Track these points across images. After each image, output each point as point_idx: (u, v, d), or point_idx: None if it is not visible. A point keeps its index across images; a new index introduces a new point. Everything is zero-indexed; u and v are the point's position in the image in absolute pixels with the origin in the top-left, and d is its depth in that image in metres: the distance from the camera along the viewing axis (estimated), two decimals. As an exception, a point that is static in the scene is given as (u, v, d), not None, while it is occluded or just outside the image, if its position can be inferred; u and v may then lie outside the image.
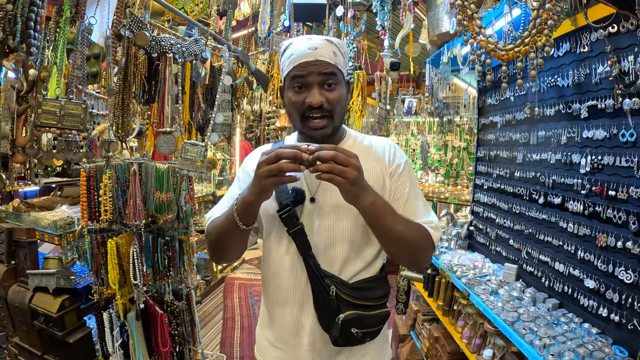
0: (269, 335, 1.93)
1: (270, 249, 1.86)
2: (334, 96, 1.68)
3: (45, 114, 1.97)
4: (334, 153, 1.42)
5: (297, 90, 1.70)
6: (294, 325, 1.80)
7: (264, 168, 1.46)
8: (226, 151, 8.76)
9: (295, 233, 1.71)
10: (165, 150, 2.82)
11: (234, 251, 1.87)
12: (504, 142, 3.53)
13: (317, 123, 1.69)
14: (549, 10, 1.66)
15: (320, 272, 1.70)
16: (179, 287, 3.03)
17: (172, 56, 2.79)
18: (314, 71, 1.65)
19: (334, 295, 1.67)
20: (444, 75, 3.67)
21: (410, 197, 1.78)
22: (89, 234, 2.76)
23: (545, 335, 2.44)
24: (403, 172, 1.81)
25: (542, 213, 2.95)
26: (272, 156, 1.45)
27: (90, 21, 2.25)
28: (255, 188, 1.53)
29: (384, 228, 1.58)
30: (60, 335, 3.17)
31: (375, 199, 1.53)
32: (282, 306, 1.83)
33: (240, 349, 5.23)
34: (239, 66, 3.91)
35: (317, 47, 1.66)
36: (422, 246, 1.68)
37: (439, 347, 3.71)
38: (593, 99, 2.46)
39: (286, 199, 1.72)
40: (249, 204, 1.60)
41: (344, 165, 1.41)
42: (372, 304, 1.72)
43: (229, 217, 1.68)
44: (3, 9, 1.65)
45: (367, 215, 1.57)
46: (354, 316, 1.65)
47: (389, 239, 1.63)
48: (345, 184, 1.42)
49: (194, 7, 3.16)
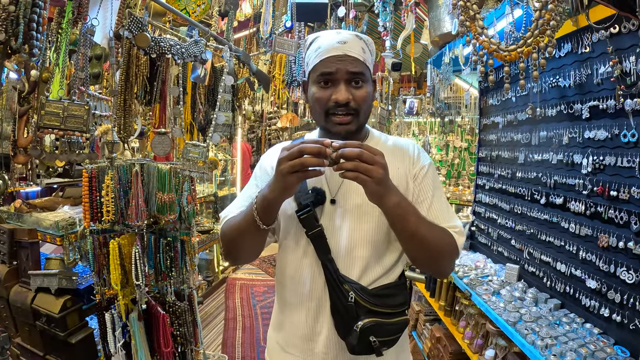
0: (281, 340, 1.84)
1: (287, 250, 1.78)
2: (361, 94, 1.62)
3: (48, 115, 1.97)
4: (360, 150, 1.33)
5: (323, 86, 1.63)
6: (309, 330, 1.72)
7: (285, 164, 1.37)
8: (227, 152, 8.76)
9: (314, 235, 1.64)
10: (159, 151, 2.82)
11: (251, 252, 1.78)
12: (505, 142, 3.53)
13: (341, 118, 1.62)
14: (551, 11, 1.66)
15: (339, 277, 1.61)
16: (180, 287, 3.03)
17: (172, 57, 2.78)
18: (342, 68, 1.59)
19: (353, 301, 1.57)
20: (445, 75, 3.67)
21: (434, 200, 1.70)
22: (91, 235, 2.76)
23: (547, 336, 2.44)
24: (427, 174, 1.73)
25: (544, 213, 2.95)
26: (294, 151, 1.36)
27: (93, 22, 2.25)
28: (277, 185, 1.45)
29: (408, 230, 1.49)
30: (63, 335, 3.17)
31: (400, 200, 1.45)
32: (297, 310, 1.75)
33: (242, 349, 5.23)
34: (240, 67, 3.91)
35: (346, 42, 1.61)
36: (446, 251, 1.60)
37: (440, 347, 3.71)
38: (594, 100, 2.46)
39: (306, 199, 1.65)
40: (270, 202, 1.51)
41: (369, 163, 1.32)
42: (392, 311, 1.62)
43: (248, 216, 1.59)
44: (5, 10, 1.65)
45: (392, 216, 1.48)
46: (373, 324, 1.56)
47: (412, 242, 1.54)
48: (371, 183, 1.34)
49: (195, 8, 3.16)
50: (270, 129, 9.94)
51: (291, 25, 4.26)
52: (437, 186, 1.75)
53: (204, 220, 6.80)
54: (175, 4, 3.07)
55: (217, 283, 7.19)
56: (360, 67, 1.62)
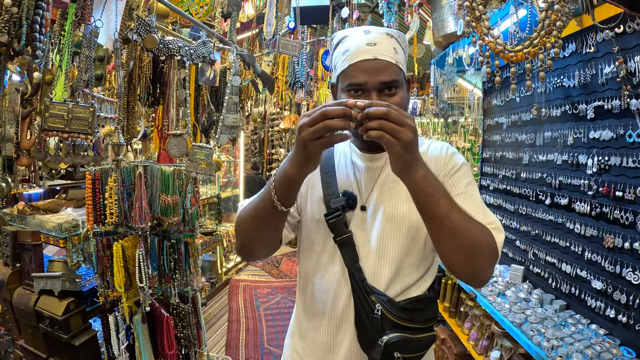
0: (299, 348, 1.75)
1: (312, 256, 1.67)
2: (395, 101, 1.45)
3: (52, 117, 1.96)
4: (387, 109, 1.17)
5: (353, 94, 1.48)
6: (330, 340, 1.61)
7: (307, 130, 1.21)
8: (231, 153, 8.77)
9: (343, 241, 1.55)
10: (176, 153, 2.82)
11: (267, 242, 1.61)
12: (509, 143, 3.52)
13: None
14: (557, 12, 1.65)
15: (365, 287, 1.51)
16: (184, 289, 3.02)
17: (180, 59, 2.78)
18: (373, 79, 1.45)
19: (380, 314, 1.47)
20: (449, 76, 3.66)
21: (466, 197, 1.50)
22: (95, 237, 2.76)
23: (553, 337, 2.43)
24: (459, 171, 1.57)
25: (549, 214, 2.95)
26: (317, 115, 1.20)
27: (97, 24, 2.24)
28: (299, 156, 1.28)
29: (438, 215, 1.28)
30: (66, 338, 3.17)
31: (427, 174, 1.25)
32: (319, 319, 1.64)
33: (245, 350, 5.21)
34: (244, 68, 3.91)
35: (375, 43, 1.46)
36: (484, 247, 1.36)
37: (445, 348, 3.71)
38: (599, 100, 2.45)
39: (336, 203, 1.55)
40: (291, 178, 1.34)
41: (397, 124, 1.16)
42: (419, 326, 1.51)
43: (265, 197, 1.43)
44: (8, 12, 1.64)
45: (419, 193, 1.28)
46: (399, 339, 1.45)
47: (443, 231, 1.31)
48: (398, 145, 1.17)
49: (199, 9, 3.17)
50: (273, 130, 9.93)
51: (294, 26, 4.26)
52: (471, 183, 1.57)
53: (207, 222, 6.80)
54: (178, 5, 3.07)
55: (220, 285, 7.19)
56: (393, 72, 1.47)
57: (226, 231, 7.15)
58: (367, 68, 1.45)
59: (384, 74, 1.44)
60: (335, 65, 1.58)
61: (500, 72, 2.03)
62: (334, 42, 1.61)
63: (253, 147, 10.65)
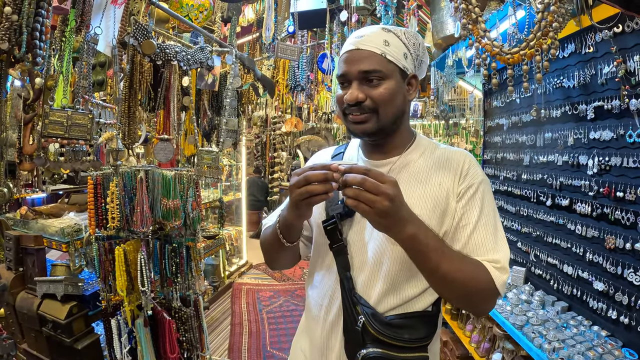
0: (304, 347, 1.78)
1: (316, 260, 1.72)
2: (377, 92, 1.46)
3: (52, 124, 1.97)
4: (362, 178, 1.20)
5: (342, 87, 1.55)
6: (323, 344, 1.64)
7: (294, 192, 1.31)
8: (233, 157, 8.78)
9: (337, 249, 1.57)
10: (162, 157, 2.82)
11: (285, 261, 1.77)
12: (510, 144, 3.52)
13: (355, 117, 1.50)
14: (553, 13, 1.65)
15: (353, 297, 1.51)
16: (186, 293, 3.03)
17: (177, 64, 2.79)
18: (353, 68, 1.48)
19: (361, 326, 1.45)
20: (449, 78, 3.66)
21: (478, 226, 1.47)
22: (97, 241, 2.77)
23: (555, 339, 2.43)
24: (476, 194, 1.51)
25: (550, 215, 2.94)
26: (301, 179, 1.29)
27: (96, 31, 2.25)
28: (292, 210, 1.42)
29: (428, 267, 1.33)
30: (69, 341, 3.18)
31: (415, 232, 1.27)
32: (316, 322, 1.68)
33: (248, 354, 5.21)
34: (245, 72, 3.92)
35: (363, 36, 1.50)
36: (478, 291, 1.39)
37: (447, 351, 3.70)
38: (599, 100, 2.45)
39: (333, 211, 1.58)
40: (289, 225, 1.50)
41: (372, 192, 1.19)
42: (405, 345, 1.44)
43: (274, 233, 1.58)
44: (8, 20, 1.65)
45: (406, 250, 1.33)
46: (378, 355, 1.41)
47: (435, 280, 1.38)
48: (373, 214, 1.21)
49: (198, 14, 3.17)
50: (275, 133, 9.94)
51: (294, 30, 4.26)
52: (487, 209, 1.52)
53: (210, 225, 6.81)
54: (177, 10, 3.08)
55: (223, 288, 7.19)
56: (375, 62, 1.46)
57: (229, 235, 7.17)
58: (349, 58, 1.50)
59: (364, 63, 1.46)
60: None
61: (497, 75, 2.02)
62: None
63: (255, 151, 10.67)
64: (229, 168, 8.12)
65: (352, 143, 1.82)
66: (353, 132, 1.57)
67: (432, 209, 1.48)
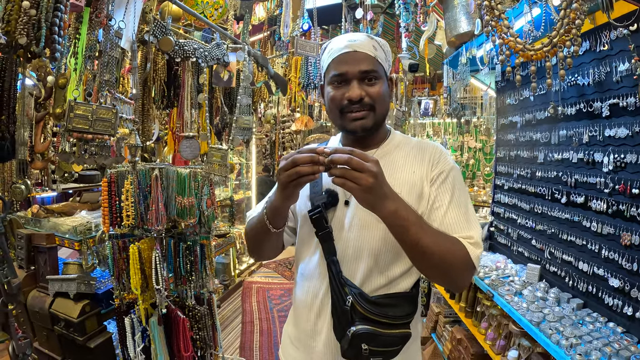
0: (291, 333, 1.91)
1: (302, 249, 1.86)
2: (375, 90, 1.63)
3: (77, 118, 1.96)
4: (348, 157, 1.32)
5: (337, 86, 1.66)
6: (311, 327, 1.77)
7: (282, 174, 1.42)
8: (244, 155, 8.79)
9: (323, 236, 1.67)
10: (188, 155, 2.84)
11: (270, 250, 1.88)
12: (524, 142, 3.51)
13: (356, 113, 1.63)
14: (576, 10, 1.65)
15: (340, 279, 1.63)
16: (200, 291, 3.02)
17: (195, 61, 2.79)
18: (353, 67, 1.62)
19: (350, 306, 1.58)
20: (462, 76, 3.65)
21: (451, 207, 1.62)
22: (111, 240, 2.77)
23: (572, 335, 2.42)
24: (447, 179, 1.67)
25: (565, 212, 2.93)
26: (289, 162, 1.40)
27: (120, 25, 2.25)
28: (280, 194, 1.51)
29: (408, 241, 1.44)
30: (81, 340, 3.19)
31: (397, 208, 1.39)
32: (304, 307, 1.80)
33: (260, 352, 5.22)
34: (257, 70, 3.92)
35: (355, 40, 1.64)
36: (456, 264, 1.51)
37: (462, 349, 3.70)
38: (614, 97, 2.45)
39: (318, 200, 1.69)
40: (277, 209, 1.60)
41: (358, 170, 1.31)
42: (390, 322, 1.58)
43: (261, 220, 1.67)
44: (27, 14, 1.64)
45: (389, 225, 1.44)
46: (366, 332, 1.53)
47: (415, 253, 1.48)
48: (359, 190, 1.33)
49: (213, 11, 3.17)
50: (284, 132, 9.92)
51: (309, 27, 4.26)
52: (459, 192, 1.68)
53: (220, 224, 6.82)
54: (193, 7, 3.08)
55: (233, 287, 7.19)
56: (372, 64, 1.64)
57: (239, 233, 7.17)
58: (347, 59, 1.63)
59: (363, 64, 1.62)
60: (323, 66, 1.77)
61: (513, 70, 2.03)
62: (322, 49, 1.79)
63: (264, 150, 10.66)
64: (239, 166, 8.13)
65: (332, 140, 2.00)
66: (352, 129, 1.69)
67: (408, 192, 1.64)
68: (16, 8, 1.63)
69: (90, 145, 2.04)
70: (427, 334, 4.63)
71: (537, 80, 3.01)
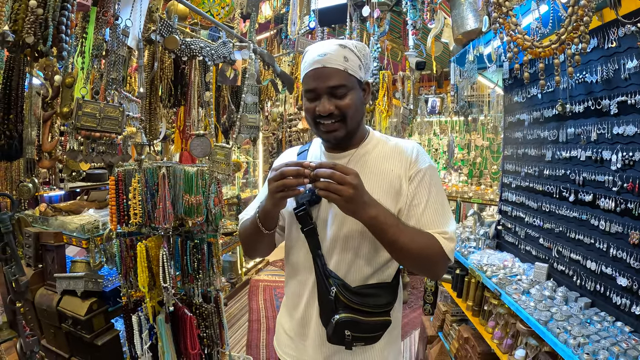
0: (285, 323, 2.06)
1: (290, 244, 1.98)
2: (345, 103, 1.72)
3: (85, 116, 1.98)
4: (331, 172, 1.49)
5: (309, 99, 1.78)
6: (303, 316, 1.92)
7: (272, 185, 1.58)
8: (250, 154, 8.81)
9: (308, 232, 1.81)
10: (199, 153, 2.86)
11: (263, 249, 2.01)
12: (531, 139, 3.49)
13: (328, 126, 1.75)
14: (584, 7, 1.64)
15: (325, 272, 1.78)
16: (207, 289, 3.03)
17: (202, 59, 2.80)
18: (322, 85, 1.71)
19: (334, 296, 1.72)
20: (469, 73, 3.64)
21: (428, 205, 1.77)
22: (118, 238, 2.78)
23: (579, 334, 2.41)
24: (424, 178, 1.80)
25: (573, 211, 2.92)
26: (277, 174, 1.56)
27: (127, 24, 2.25)
28: (269, 201, 1.66)
29: (387, 240, 1.62)
30: (89, 337, 3.20)
31: (376, 214, 1.58)
32: (294, 297, 1.97)
33: (266, 350, 5.24)
34: (264, 68, 3.92)
35: (326, 53, 1.71)
36: (431, 257, 1.69)
37: (469, 347, 3.69)
38: (622, 95, 2.43)
39: (302, 199, 1.82)
40: (267, 213, 1.74)
41: (340, 183, 1.48)
42: (371, 310, 1.74)
43: (254, 222, 1.82)
44: (34, 13, 1.65)
45: (369, 228, 1.63)
46: (349, 319, 1.69)
47: (393, 250, 1.67)
48: (340, 200, 1.50)
49: (220, 10, 3.18)
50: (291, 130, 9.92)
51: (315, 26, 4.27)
52: (435, 190, 1.81)
53: (227, 222, 6.83)
54: (199, 6, 3.09)
55: (240, 285, 7.22)
56: (341, 78, 1.71)
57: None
58: (316, 75, 1.72)
59: (332, 79, 1.70)
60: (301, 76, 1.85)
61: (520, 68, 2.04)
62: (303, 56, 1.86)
63: (271, 148, 10.66)
64: (245, 164, 8.15)
65: (314, 142, 2.11)
66: (325, 139, 1.86)
67: (386, 190, 1.77)
68: (23, 7, 1.64)
69: (98, 144, 2.06)
70: (434, 332, 4.62)
71: (545, 78, 3.00)
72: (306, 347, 1.92)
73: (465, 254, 3.93)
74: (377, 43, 4.47)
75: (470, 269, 3.65)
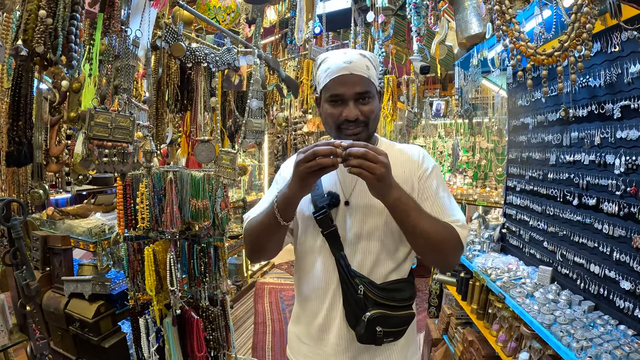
0: (298, 331, 2.04)
1: (305, 249, 1.96)
2: (368, 109, 1.79)
3: (97, 126, 2.00)
4: (364, 150, 1.50)
5: (334, 104, 1.80)
6: (323, 321, 1.89)
7: (303, 165, 1.54)
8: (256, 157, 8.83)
9: (329, 234, 1.82)
10: (204, 159, 2.87)
11: (271, 249, 1.96)
12: (536, 143, 3.49)
13: (352, 131, 1.78)
14: (586, 14, 1.66)
15: (350, 272, 1.78)
16: (214, 292, 3.05)
17: (207, 65, 2.82)
18: (350, 90, 1.76)
19: (362, 294, 1.75)
20: (474, 77, 3.65)
21: (437, 197, 1.84)
22: (126, 241, 2.80)
23: (582, 338, 2.42)
24: (431, 175, 1.88)
25: (577, 215, 2.93)
26: (309, 154, 1.53)
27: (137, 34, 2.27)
28: (296, 184, 1.61)
29: (409, 224, 1.64)
30: (96, 340, 3.23)
31: (399, 195, 1.60)
32: (313, 303, 1.93)
33: (272, 353, 5.25)
34: (270, 73, 3.94)
35: (352, 61, 1.76)
36: (449, 243, 1.73)
37: (473, 350, 3.69)
38: (626, 99, 2.43)
39: (322, 202, 1.83)
40: (290, 200, 1.68)
41: (372, 161, 1.49)
42: (398, 304, 1.79)
43: (270, 214, 1.76)
44: (43, 23, 1.67)
45: (393, 211, 1.64)
46: (380, 315, 1.73)
47: (415, 235, 1.68)
48: (373, 179, 1.50)
49: (225, 16, 3.20)
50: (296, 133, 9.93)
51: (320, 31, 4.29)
52: (441, 185, 1.89)
53: (233, 225, 6.85)
54: (205, 13, 3.11)
55: (246, 288, 7.23)
56: (366, 85, 1.78)
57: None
58: (344, 81, 1.77)
59: (358, 86, 1.76)
60: (319, 82, 1.89)
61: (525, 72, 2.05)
62: (318, 62, 1.92)
63: (276, 151, 10.68)
64: (251, 168, 8.17)
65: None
66: None
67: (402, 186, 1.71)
68: (33, 17, 1.66)
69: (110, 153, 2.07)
70: (439, 335, 4.62)
71: (549, 84, 3.02)
72: (326, 353, 1.91)
73: (469, 257, 3.94)
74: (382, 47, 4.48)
75: (475, 272, 3.66)
